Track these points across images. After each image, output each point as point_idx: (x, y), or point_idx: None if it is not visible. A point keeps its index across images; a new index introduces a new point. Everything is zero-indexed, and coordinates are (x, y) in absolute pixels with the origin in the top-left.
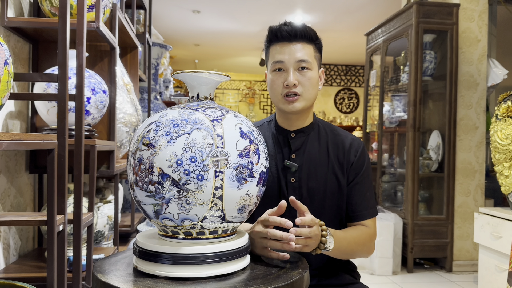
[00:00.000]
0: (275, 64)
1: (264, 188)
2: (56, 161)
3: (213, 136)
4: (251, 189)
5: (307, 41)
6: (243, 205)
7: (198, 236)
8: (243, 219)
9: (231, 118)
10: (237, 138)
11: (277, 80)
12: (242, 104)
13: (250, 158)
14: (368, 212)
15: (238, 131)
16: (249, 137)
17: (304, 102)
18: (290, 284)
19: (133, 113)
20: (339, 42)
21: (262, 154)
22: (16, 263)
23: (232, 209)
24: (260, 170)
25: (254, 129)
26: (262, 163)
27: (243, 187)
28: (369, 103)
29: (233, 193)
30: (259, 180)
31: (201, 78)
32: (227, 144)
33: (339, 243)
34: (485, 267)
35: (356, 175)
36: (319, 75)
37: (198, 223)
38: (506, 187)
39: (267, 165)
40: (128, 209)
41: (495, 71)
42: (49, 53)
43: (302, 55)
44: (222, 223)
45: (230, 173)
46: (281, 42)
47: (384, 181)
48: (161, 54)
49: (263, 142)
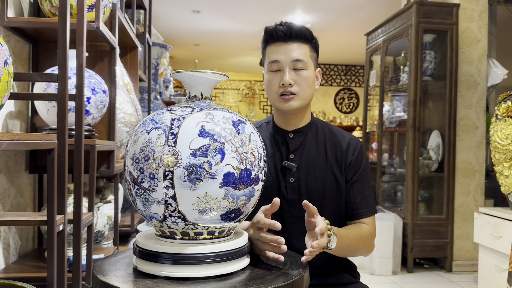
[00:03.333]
0: (271, 64)
1: (247, 190)
2: (56, 161)
3: (167, 134)
4: (212, 191)
5: (302, 41)
6: (208, 208)
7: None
8: (229, 221)
9: (197, 117)
10: (193, 136)
11: (273, 80)
12: (242, 104)
13: (208, 157)
14: (367, 210)
15: (197, 129)
16: (212, 135)
17: (300, 101)
18: (290, 284)
19: (133, 113)
20: (339, 42)
21: (231, 154)
22: (16, 263)
23: (191, 211)
24: (225, 171)
25: (227, 127)
26: (230, 163)
27: (198, 188)
28: (369, 103)
29: (186, 194)
30: (224, 181)
31: (198, 78)
32: (180, 142)
33: (342, 241)
34: (485, 267)
35: (354, 174)
36: (315, 75)
37: (163, 222)
38: (506, 187)
39: (245, 166)
40: (128, 209)
41: (495, 71)
42: (49, 53)
43: (297, 54)
44: (187, 224)
45: (180, 173)
46: (277, 42)
47: (384, 181)
48: (161, 54)
49: (241, 141)
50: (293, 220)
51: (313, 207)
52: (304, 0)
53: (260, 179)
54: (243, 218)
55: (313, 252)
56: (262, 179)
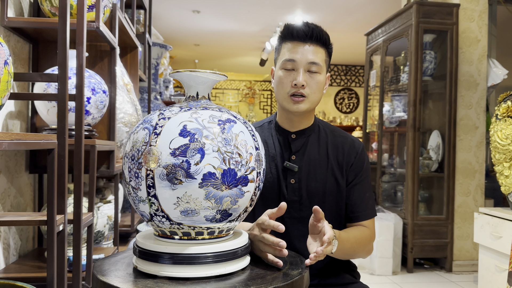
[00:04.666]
0: (286, 62)
1: (231, 191)
2: (56, 161)
3: (151, 134)
4: (191, 191)
5: (320, 45)
6: (190, 208)
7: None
8: (216, 222)
9: (182, 116)
10: (173, 136)
11: (285, 78)
12: (242, 104)
13: (187, 157)
14: (367, 213)
15: (179, 129)
16: (193, 135)
17: (309, 104)
18: (290, 284)
19: (133, 113)
20: (339, 42)
21: (212, 154)
22: (16, 263)
23: (173, 211)
24: (205, 171)
25: (211, 126)
26: (210, 163)
27: (178, 187)
28: (369, 103)
29: (166, 194)
30: (204, 181)
31: (196, 77)
32: (161, 142)
33: (342, 245)
34: (485, 267)
35: (355, 176)
36: (325, 80)
37: (151, 221)
38: (506, 187)
39: (229, 166)
40: (128, 209)
41: (495, 71)
42: (49, 53)
43: (314, 57)
44: (172, 224)
45: (160, 172)
46: (295, 41)
47: (384, 181)
48: (161, 54)
49: (225, 141)
50: (293, 221)
51: (322, 212)
52: (304, 0)
53: (250, 180)
54: (235, 219)
55: (317, 257)
56: (253, 180)
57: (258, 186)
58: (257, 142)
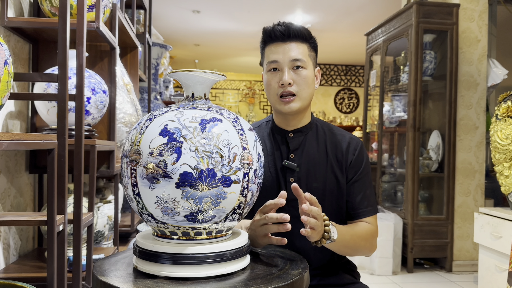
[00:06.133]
0: (270, 64)
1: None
2: (56, 161)
3: (137, 134)
4: (169, 190)
5: (301, 40)
6: (169, 207)
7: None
8: (199, 223)
9: (166, 116)
10: (154, 136)
11: (272, 80)
12: (242, 104)
13: (163, 156)
14: (368, 209)
15: (160, 128)
16: (172, 134)
17: (300, 102)
18: (290, 284)
19: (133, 113)
20: (339, 42)
21: (189, 153)
22: (16, 263)
23: (155, 210)
24: (182, 171)
25: (191, 126)
26: (187, 162)
27: (156, 187)
28: (369, 103)
29: (147, 192)
30: (181, 181)
31: (195, 77)
32: (143, 141)
33: (342, 235)
34: (485, 267)
35: (355, 173)
36: (315, 74)
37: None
38: (506, 187)
39: (207, 166)
40: (128, 209)
41: (495, 71)
42: (49, 53)
43: (296, 54)
44: (158, 223)
45: (141, 171)
46: (275, 42)
47: (384, 181)
48: (161, 54)
49: (204, 140)
50: (293, 220)
51: (300, 190)
52: (304, 0)
53: (234, 181)
54: (221, 220)
55: (308, 221)
56: (239, 181)
57: (247, 187)
58: (246, 142)
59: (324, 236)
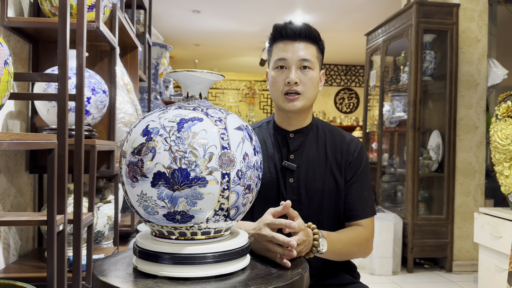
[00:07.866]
0: (278, 62)
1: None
2: (56, 161)
3: (128, 133)
4: (146, 189)
5: (310, 41)
6: (148, 206)
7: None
8: (179, 223)
9: (151, 116)
10: (136, 136)
11: (278, 77)
12: (242, 104)
13: (141, 156)
14: (366, 211)
15: (142, 128)
16: (150, 134)
17: (304, 101)
18: (290, 284)
19: (133, 113)
20: (339, 42)
21: (162, 153)
22: (16, 263)
23: (138, 207)
24: (156, 170)
25: (169, 125)
26: (160, 162)
27: (136, 185)
28: (369, 103)
29: (130, 191)
30: (155, 180)
31: (193, 77)
32: (128, 141)
33: (333, 245)
34: (485, 267)
35: (354, 174)
36: (320, 76)
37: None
38: (506, 187)
39: (180, 166)
40: (128, 209)
41: (495, 71)
42: (49, 53)
43: (305, 54)
44: (145, 221)
45: (125, 170)
46: (285, 40)
47: (384, 181)
48: (161, 54)
49: (179, 140)
50: None
51: (293, 210)
52: (304, 0)
53: (210, 181)
54: (203, 222)
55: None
56: (216, 181)
57: (228, 188)
58: (227, 141)
59: (312, 250)
